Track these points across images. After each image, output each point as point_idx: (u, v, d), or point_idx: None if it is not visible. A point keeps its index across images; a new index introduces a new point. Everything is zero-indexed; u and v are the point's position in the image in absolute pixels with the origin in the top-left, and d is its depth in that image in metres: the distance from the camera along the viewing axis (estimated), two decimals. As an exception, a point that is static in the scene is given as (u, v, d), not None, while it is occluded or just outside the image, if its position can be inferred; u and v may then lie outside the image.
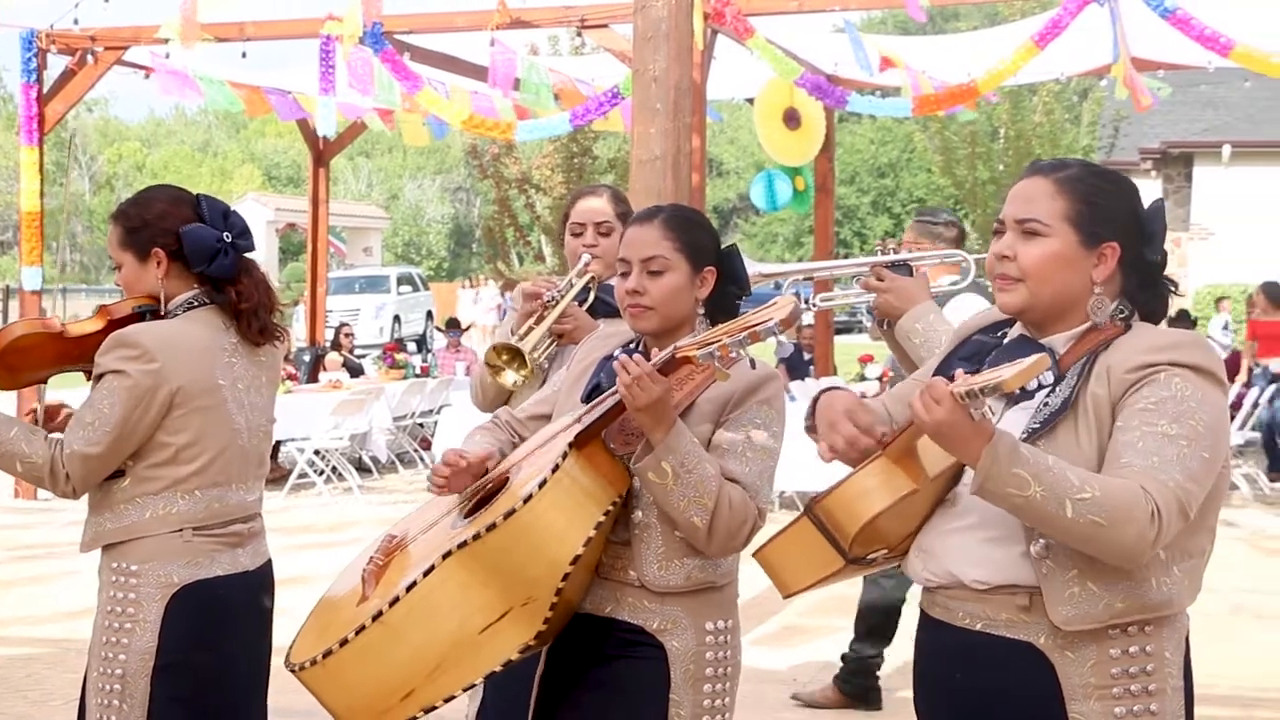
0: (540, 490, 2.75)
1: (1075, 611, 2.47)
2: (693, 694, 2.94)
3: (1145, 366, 2.47)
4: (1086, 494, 2.33)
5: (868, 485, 2.54)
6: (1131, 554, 2.37)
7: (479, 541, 2.73)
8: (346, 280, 33.44)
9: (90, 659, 3.46)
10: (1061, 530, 2.36)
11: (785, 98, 12.61)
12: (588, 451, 2.88)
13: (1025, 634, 2.52)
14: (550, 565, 2.77)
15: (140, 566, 3.40)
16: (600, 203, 4.35)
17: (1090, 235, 2.56)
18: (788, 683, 6.70)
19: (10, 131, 25.73)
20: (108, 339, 3.42)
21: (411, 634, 2.74)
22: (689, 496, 2.83)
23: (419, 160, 60.55)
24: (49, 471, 3.39)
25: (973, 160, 23.85)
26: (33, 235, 12.78)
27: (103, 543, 3.45)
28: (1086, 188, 2.58)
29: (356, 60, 11.95)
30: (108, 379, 3.38)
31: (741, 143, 55.60)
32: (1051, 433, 2.49)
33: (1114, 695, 2.49)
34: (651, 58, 8.33)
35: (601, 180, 23.99)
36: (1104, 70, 12.28)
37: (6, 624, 7.61)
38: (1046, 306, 2.59)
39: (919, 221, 5.69)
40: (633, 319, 3.06)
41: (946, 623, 2.61)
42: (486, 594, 2.75)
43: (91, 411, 3.37)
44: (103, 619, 3.43)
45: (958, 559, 2.58)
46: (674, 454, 2.81)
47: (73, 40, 12.76)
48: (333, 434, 12.75)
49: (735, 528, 2.88)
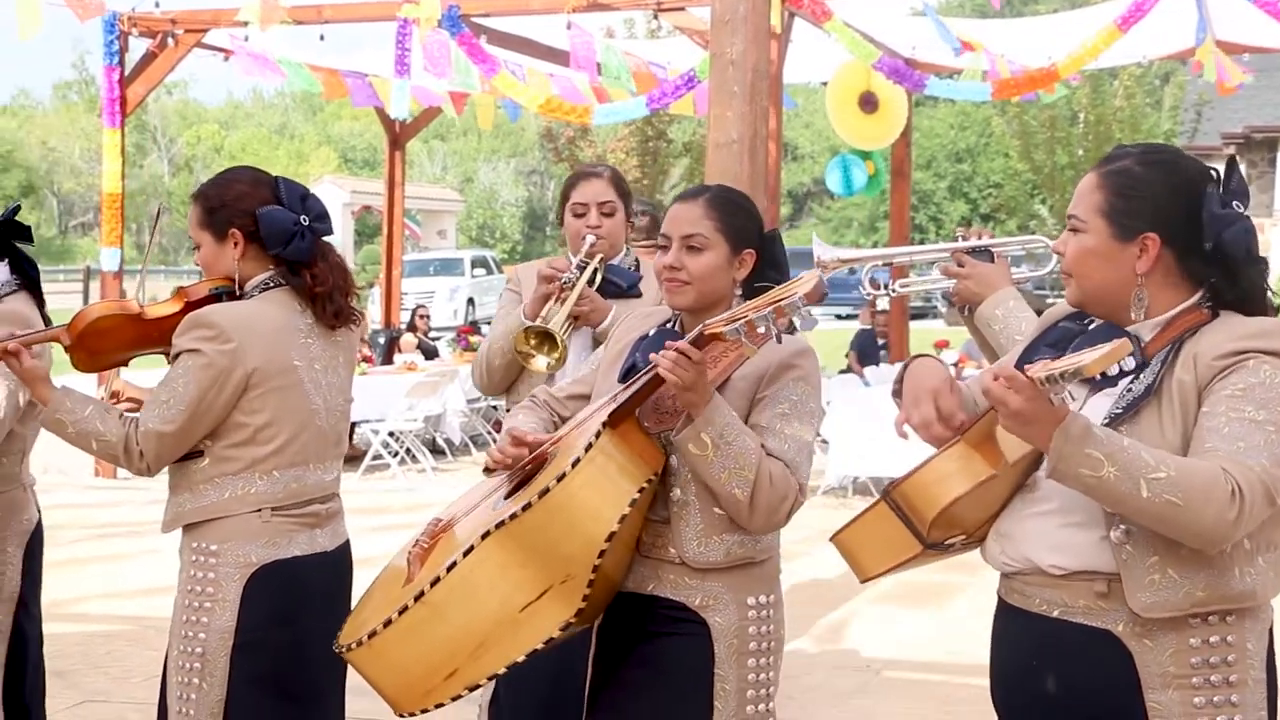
0: (574, 469, 2.77)
1: (1155, 599, 2.44)
2: (737, 669, 2.97)
3: (1234, 354, 2.44)
4: (1162, 474, 2.31)
5: (946, 470, 2.53)
6: (1211, 535, 2.34)
7: (515, 521, 2.76)
8: (421, 263, 33.64)
9: (171, 638, 3.49)
10: (1137, 511, 2.34)
11: (861, 81, 12.52)
12: (622, 430, 2.89)
13: (1103, 621, 2.49)
14: (586, 543, 2.79)
15: (220, 546, 3.43)
16: (602, 184, 4.37)
17: (1124, 228, 2.54)
18: (862, 670, 6.67)
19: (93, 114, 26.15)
20: (185, 319, 3.46)
21: (453, 613, 2.77)
22: (729, 469, 2.84)
23: (494, 144, 60.80)
24: (123, 449, 3.42)
25: (1051, 145, 23.62)
26: (113, 216, 12.94)
27: (183, 523, 3.49)
28: (1124, 180, 2.55)
29: (433, 43, 11.99)
30: (184, 358, 3.41)
31: (817, 127, 55.32)
32: (1135, 418, 2.47)
33: (1193, 685, 2.46)
34: (729, 40, 8.28)
35: (676, 164, 24.01)
36: (1188, 54, 12.09)
37: (88, 601, 7.70)
38: (1096, 301, 2.59)
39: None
40: (669, 293, 3.09)
41: (1023, 609, 2.59)
42: (525, 573, 2.78)
43: (167, 390, 3.40)
44: (183, 598, 3.46)
45: (1036, 544, 2.56)
46: (712, 425, 2.83)
47: (154, 23, 12.89)
48: (407, 416, 12.83)
49: (776, 502, 2.89)
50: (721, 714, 2.95)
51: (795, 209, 59.65)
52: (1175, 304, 2.55)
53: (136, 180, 52.64)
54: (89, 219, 56.25)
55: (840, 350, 17.21)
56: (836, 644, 7.17)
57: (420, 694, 2.83)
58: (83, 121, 57.86)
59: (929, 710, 6.03)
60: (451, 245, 41.35)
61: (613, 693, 3.06)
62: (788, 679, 6.15)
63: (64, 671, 6.11)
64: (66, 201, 62.13)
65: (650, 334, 3.16)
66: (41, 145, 60.64)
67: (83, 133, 56.88)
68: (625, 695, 3.02)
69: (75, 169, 59.02)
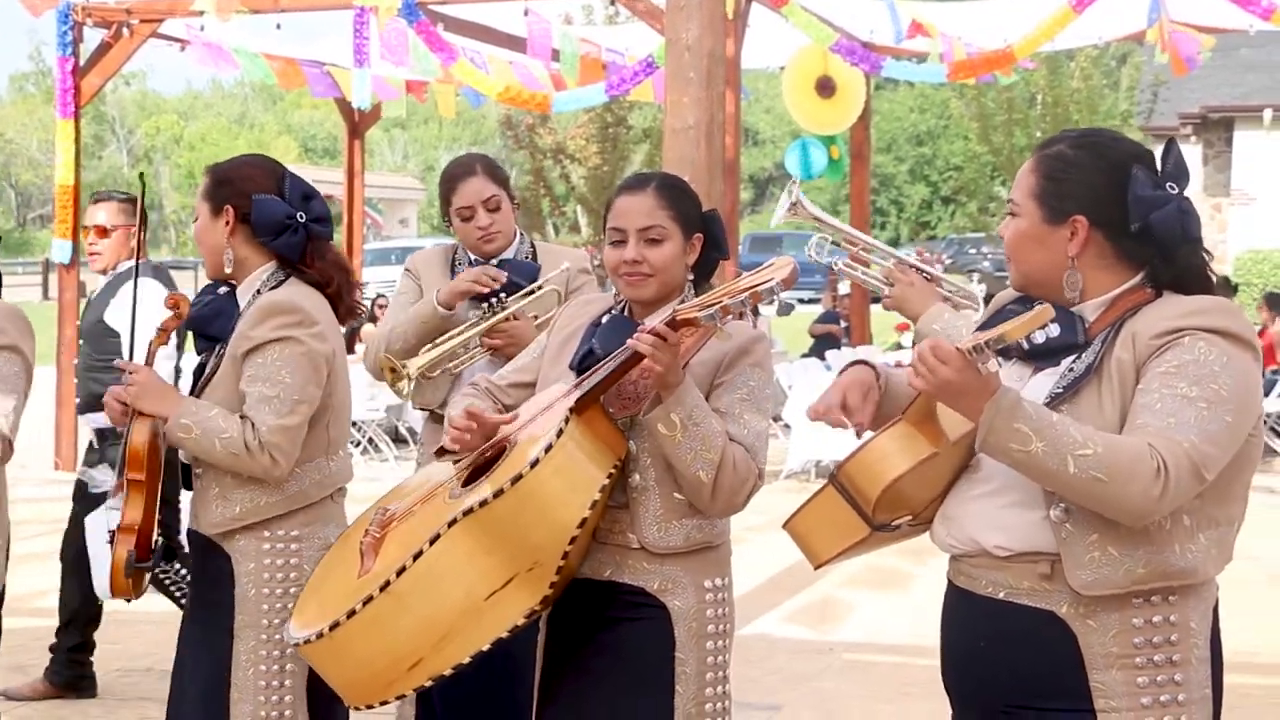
0: (546, 455, 2.77)
1: (1095, 576, 2.46)
2: (697, 651, 2.99)
3: (1170, 332, 2.46)
4: (1088, 450, 2.34)
5: (888, 449, 2.55)
6: (1137, 512, 2.37)
7: (485, 509, 2.75)
8: (383, 252, 33.56)
9: (238, 636, 3.40)
10: (1064, 487, 2.38)
11: (818, 65, 12.55)
12: (587, 417, 2.90)
13: (1047, 602, 2.51)
14: (556, 530, 2.79)
15: (303, 531, 3.43)
16: (479, 180, 4.30)
17: (1053, 210, 2.56)
18: (824, 653, 6.70)
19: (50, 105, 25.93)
20: (256, 309, 3.39)
21: (419, 603, 2.76)
22: (696, 450, 2.86)
23: (455, 131, 60.59)
24: (244, 449, 3.31)
25: (1010, 127, 23.69)
26: (66, 208, 12.83)
27: (260, 517, 3.40)
28: (1055, 163, 2.58)
29: (391, 32, 11.95)
30: (275, 347, 3.34)
31: (777, 111, 55.32)
32: (1075, 397, 2.49)
33: (1136, 665, 2.48)
34: (684, 26, 8.30)
35: (637, 151, 23.96)
36: (1142, 35, 12.16)
37: (49, 595, 7.65)
38: (1035, 284, 2.62)
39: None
40: (630, 287, 3.08)
41: (970, 591, 2.61)
42: (491, 561, 2.78)
43: (269, 385, 3.33)
44: (258, 590, 3.39)
45: (980, 525, 2.58)
46: (682, 406, 2.85)
47: (108, 13, 12.79)
48: (369, 405, 12.79)
49: (738, 486, 2.92)
50: (682, 696, 2.97)
51: (757, 194, 59.66)
52: (1115, 285, 2.57)
53: (95, 172, 52.24)
54: (47, 211, 55.77)
55: (801, 334, 17.25)
56: (798, 628, 7.21)
57: (382, 685, 2.82)
58: (40, 113, 57.31)
59: (888, 692, 6.08)
60: (414, 233, 41.25)
61: (572, 681, 3.05)
62: (749, 663, 6.19)
63: (24, 666, 6.08)
64: (24, 194, 61.59)
65: (602, 320, 3.16)
66: (-2, 137, 60.10)
67: (40, 124, 56.33)
68: (585, 683, 3.03)
69: (33, 161, 58.48)
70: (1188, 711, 2.49)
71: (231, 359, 3.41)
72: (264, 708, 3.38)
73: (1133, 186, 2.53)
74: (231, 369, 3.41)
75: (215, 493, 3.42)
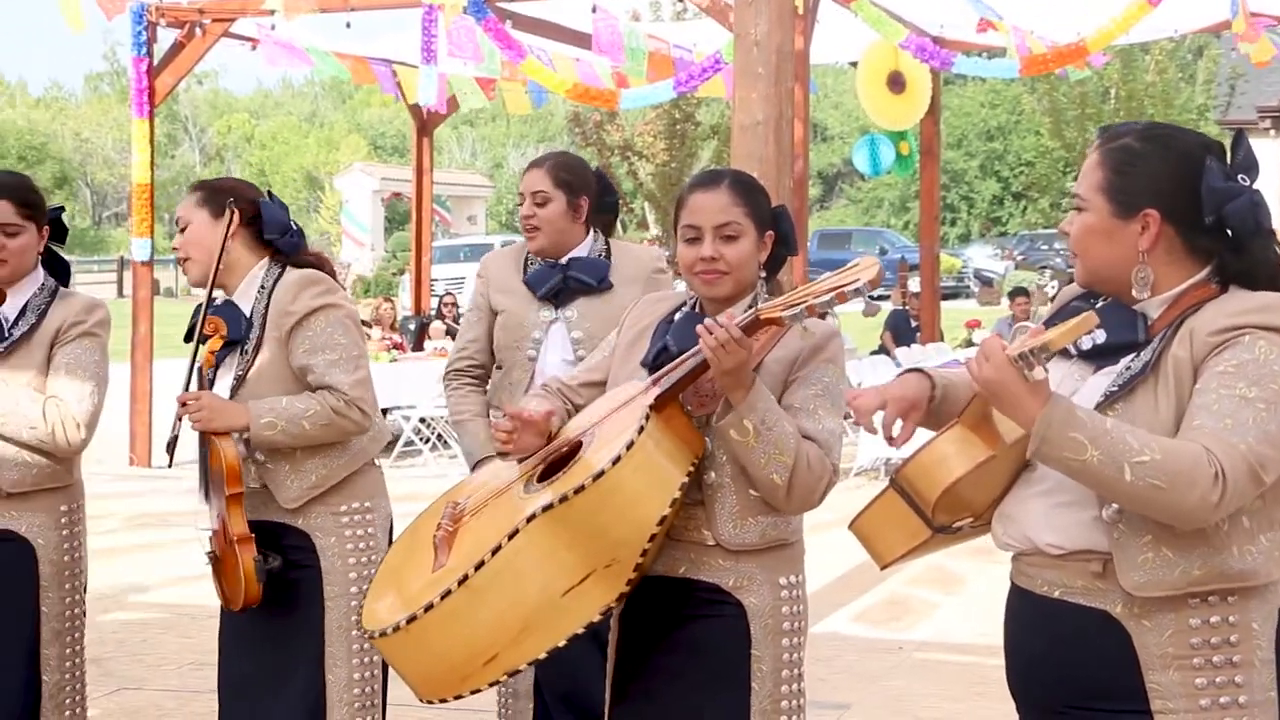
0: (627, 453, 2.76)
1: (1148, 578, 2.42)
2: (772, 649, 2.97)
3: (1229, 329, 2.40)
4: (1145, 457, 2.30)
5: (946, 452, 2.52)
6: (1195, 518, 2.33)
7: (565, 504, 2.75)
8: (451, 249, 33.70)
9: (329, 608, 3.61)
10: (1121, 495, 2.34)
11: (889, 61, 12.47)
12: (666, 415, 2.88)
13: (1101, 602, 2.47)
14: (636, 528, 2.78)
15: (371, 502, 3.68)
16: (536, 174, 4.36)
17: (1123, 205, 2.50)
18: (894, 652, 6.66)
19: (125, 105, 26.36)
20: (290, 283, 3.63)
21: (496, 598, 2.76)
22: (769, 454, 2.84)
23: (522, 129, 60.81)
24: (335, 414, 3.55)
25: (1083, 121, 23.48)
26: (143, 207, 12.99)
27: (334, 481, 3.62)
28: (1122, 156, 2.52)
29: (458, 30, 11.99)
30: (324, 314, 3.59)
31: (846, 107, 55.13)
32: (1130, 396, 2.44)
33: (1194, 666, 2.43)
34: (753, 21, 8.27)
35: (705, 147, 23.92)
36: (1222, 26, 11.99)
37: (122, 591, 7.77)
38: (1101, 280, 2.56)
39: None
40: (706, 285, 3.05)
41: (1028, 590, 2.58)
42: (569, 557, 2.77)
43: (330, 349, 3.58)
44: (342, 561, 3.62)
45: (1034, 524, 2.54)
46: (755, 411, 2.83)
47: (181, 13, 12.93)
48: (438, 402, 12.85)
49: (813, 484, 2.90)
50: (758, 695, 2.96)
51: (825, 190, 59.47)
52: (1182, 280, 2.51)
53: (168, 170, 52.84)
54: (122, 209, 56.55)
55: (871, 332, 17.16)
56: (868, 626, 7.17)
57: (457, 680, 2.82)
58: (115, 112, 58.14)
59: (959, 691, 6.02)
60: (481, 231, 41.43)
61: (646, 679, 3.04)
62: (820, 661, 6.16)
63: (100, 659, 6.16)
64: (100, 192, 62.47)
65: (675, 318, 3.14)
66: (75, 137, 60.96)
67: (115, 124, 57.14)
68: (661, 681, 3.02)
69: (108, 160, 59.31)
70: (1250, 714, 2.44)
71: (274, 340, 3.61)
72: (358, 670, 3.61)
73: (1206, 178, 2.48)
74: (276, 349, 3.61)
75: (287, 469, 3.60)
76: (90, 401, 3.74)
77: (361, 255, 36.24)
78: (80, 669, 3.91)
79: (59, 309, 3.79)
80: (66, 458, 3.79)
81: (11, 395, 3.67)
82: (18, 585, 3.74)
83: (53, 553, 3.78)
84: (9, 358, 3.72)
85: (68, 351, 3.75)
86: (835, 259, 18.18)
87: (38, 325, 3.76)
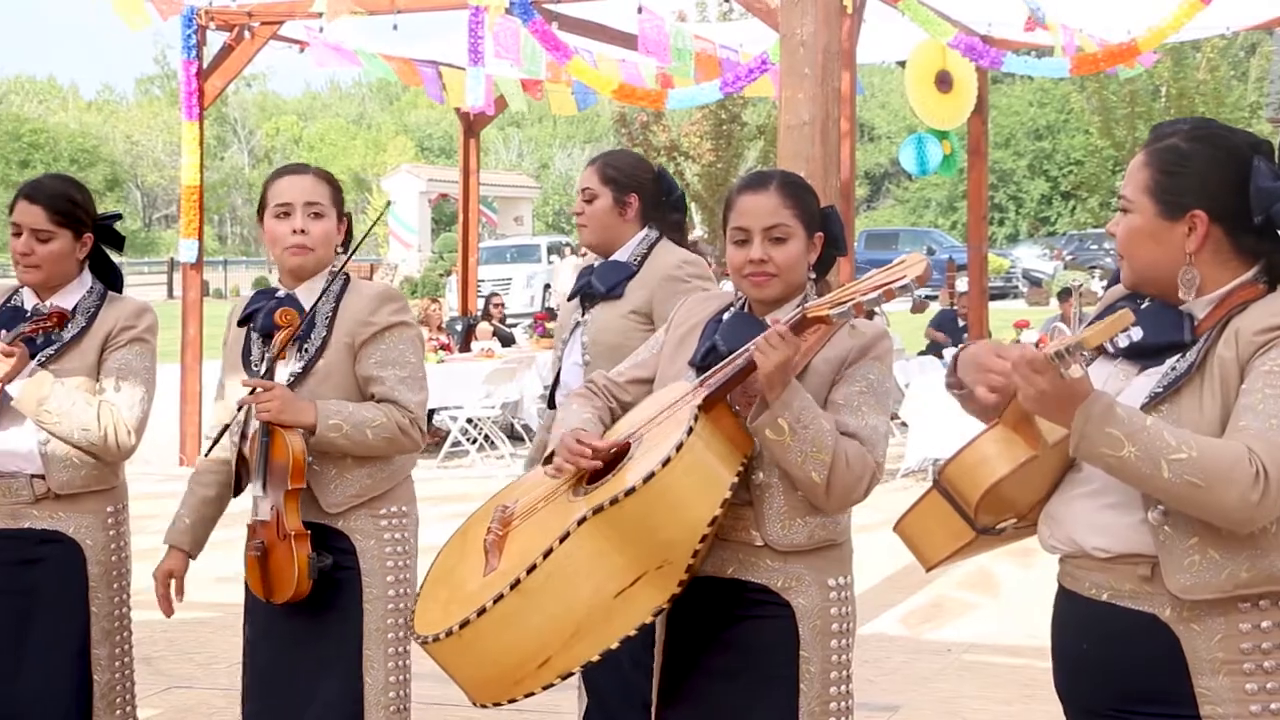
0: (677, 454, 2.75)
1: (1194, 580, 2.39)
2: (821, 649, 2.97)
3: (1274, 328, 2.38)
4: (1183, 454, 2.29)
5: (987, 453, 2.51)
6: (1236, 517, 2.31)
7: (616, 507, 2.74)
8: (498, 250, 33.77)
9: (367, 611, 3.60)
10: (1160, 491, 2.32)
11: (937, 60, 12.39)
12: (714, 415, 2.88)
13: (1149, 605, 2.45)
14: (687, 529, 2.78)
15: (408, 507, 3.69)
16: (588, 171, 4.45)
17: (1170, 205, 2.48)
18: (942, 653, 6.62)
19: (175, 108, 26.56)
20: (370, 295, 3.65)
21: (549, 601, 2.76)
22: (806, 452, 2.83)
23: (569, 130, 60.91)
24: (399, 430, 3.57)
25: (1133, 120, 23.30)
26: (192, 208, 13.08)
27: (375, 493, 3.62)
28: (1169, 156, 2.50)
29: (503, 31, 12.01)
30: (393, 332, 3.61)
31: (892, 107, 54.95)
32: (1175, 396, 2.43)
33: (1245, 671, 2.40)
34: (799, 21, 8.24)
35: (751, 148, 23.85)
36: (1274, 23, 11.87)
37: (172, 588, 7.80)
38: (1147, 281, 2.53)
39: None
40: (755, 287, 3.04)
41: (1075, 593, 2.57)
42: (621, 559, 2.77)
43: (401, 366, 3.60)
44: (380, 564, 3.61)
45: (1080, 526, 2.52)
46: (789, 410, 2.82)
47: (230, 16, 13.02)
48: (485, 403, 12.89)
49: (853, 482, 2.89)
50: (806, 695, 2.95)
51: (872, 190, 59.27)
52: (1228, 280, 2.49)
53: (217, 172, 53.27)
54: (172, 211, 57.00)
55: (918, 332, 17.09)
56: (917, 627, 7.14)
57: (510, 684, 2.82)
58: (165, 115, 58.68)
59: (1009, 694, 5.99)
60: (528, 231, 41.51)
61: (695, 680, 3.04)
62: (868, 663, 6.13)
63: (150, 658, 6.20)
64: (150, 194, 63.04)
65: (723, 317, 3.13)
66: (125, 139, 61.57)
67: (165, 126, 57.67)
68: (709, 682, 3.01)
69: (158, 162, 59.85)
70: None
71: (345, 346, 3.60)
72: (393, 674, 3.61)
73: (1255, 178, 2.45)
74: (344, 354, 3.61)
75: (334, 474, 3.59)
76: (141, 408, 3.78)
77: (408, 256, 36.39)
78: (129, 668, 3.94)
79: (109, 312, 3.82)
80: (114, 461, 3.82)
81: (69, 396, 3.70)
82: (68, 585, 3.78)
83: (100, 553, 3.82)
84: (59, 360, 3.75)
85: (119, 356, 3.78)
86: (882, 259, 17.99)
87: (87, 329, 3.79)
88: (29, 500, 3.75)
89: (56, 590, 3.77)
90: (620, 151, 4.67)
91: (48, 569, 3.76)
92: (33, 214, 3.76)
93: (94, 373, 3.77)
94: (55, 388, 3.70)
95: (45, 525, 3.76)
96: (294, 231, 3.63)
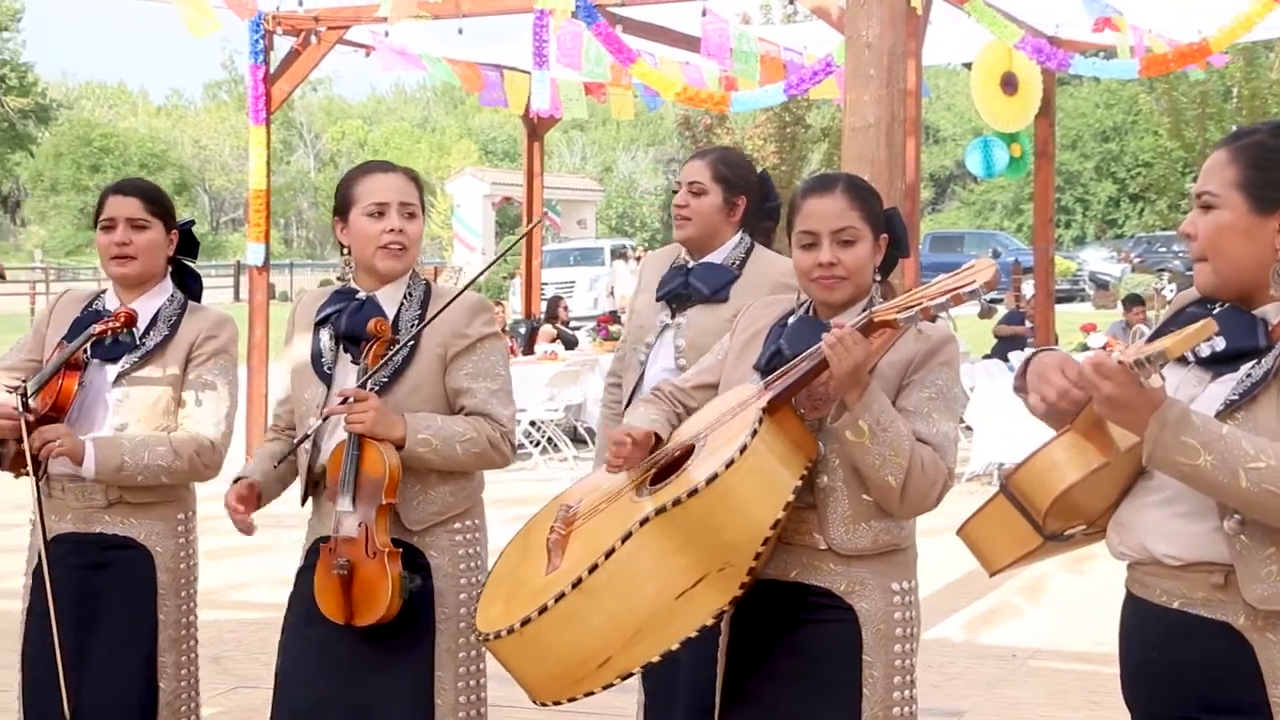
0: (740, 456, 2.75)
1: (1272, 590, 2.36)
2: (884, 655, 2.96)
3: None
4: (1261, 463, 2.26)
5: (1058, 459, 2.48)
6: None
7: (679, 507, 2.74)
8: (561, 253, 33.84)
9: (440, 631, 3.50)
10: (1237, 500, 2.30)
11: (1004, 61, 12.31)
12: (779, 418, 2.87)
13: (1223, 613, 2.42)
14: (750, 530, 2.78)
15: (479, 520, 3.63)
16: (693, 164, 4.27)
17: (1262, 200, 2.44)
18: (1007, 659, 6.57)
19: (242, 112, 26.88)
20: (465, 305, 3.53)
21: (610, 600, 2.77)
22: (884, 455, 2.83)
23: (632, 133, 60.93)
24: (489, 445, 3.48)
25: (1203, 121, 23.04)
26: (259, 212, 13.19)
27: (455, 511, 3.54)
28: (1259, 152, 2.47)
29: (567, 34, 12.04)
30: (486, 344, 3.54)
31: (958, 109, 54.58)
32: (1251, 404, 2.39)
33: None
34: (865, 23, 8.21)
35: (815, 150, 23.79)
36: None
37: (242, 589, 7.89)
38: (1231, 281, 2.49)
39: None
40: (824, 290, 3.04)
41: (1145, 600, 2.54)
42: (683, 560, 2.77)
43: (492, 379, 3.52)
44: (454, 582, 3.52)
45: (1151, 534, 2.50)
46: (870, 412, 2.82)
47: (297, 21, 13.12)
48: (548, 405, 12.93)
49: (927, 488, 2.88)
50: (869, 700, 2.94)
51: (938, 192, 58.92)
52: None
53: (283, 176, 53.77)
54: (239, 215, 57.59)
55: (983, 335, 16.97)
56: (980, 633, 7.08)
57: (571, 683, 2.83)
58: (232, 120, 59.26)
59: (1076, 700, 5.93)
60: (591, 234, 41.57)
61: (757, 683, 3.03)
62: (932, 668, 6.09)
63: (219, 657, 6.26)
64: (217, 198, 63.72)
65: (789, 321, 3.13)
66: (194, 144, 62.28)
67: (232, 130, 58.26)
68: (772, 685, 3.01)
69: (225, 166, 60.49)
70: None
71: (437, 357, 3.50)
72: (463, 694, 3.51)
73: None
74: (436, 366, 3.50)
75: (417, 489, 3.49)
76: (226, 424, 3.81)
77: (472, 259, 36.54)
78: (194, 676, 3.93)
79: (190, 322, 3.83)
80: (207, 480, 3.84)
81: (138, 451, 3.68)
82: (139, 592, 3.79)
83: (169, 560, 3.83)
84: (143, 367, 3.76)
85: (203, 371, 3.78)
86: (948, 262, 18.00)
87: (170, 337, 3.80)
88: (102, 505, 3.77)
89: (125, 595, 3.77)
90: (732, 150, 4.53)
91: (117, 574, 3.77)
92: (129, 205, 3.80)
93: (175, 384, 3.78)
94: (123, 443, 3.68)
95: (117, 530, 3.78)
96: (390, 231, 3.50)
